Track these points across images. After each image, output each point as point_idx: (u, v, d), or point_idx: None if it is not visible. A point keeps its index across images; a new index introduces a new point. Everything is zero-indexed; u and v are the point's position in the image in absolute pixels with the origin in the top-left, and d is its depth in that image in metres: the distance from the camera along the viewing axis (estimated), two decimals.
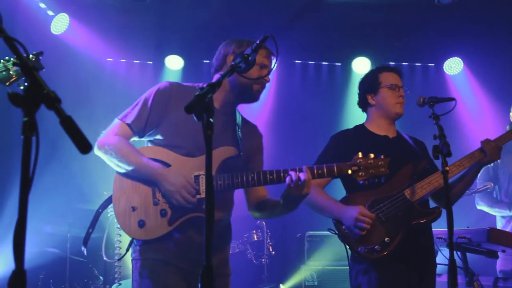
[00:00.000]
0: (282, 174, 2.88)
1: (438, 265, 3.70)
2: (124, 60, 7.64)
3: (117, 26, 6.93)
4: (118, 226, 2.94)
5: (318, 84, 8.16)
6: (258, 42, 2.51)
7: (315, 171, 2.89)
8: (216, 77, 3.04)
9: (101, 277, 6.13)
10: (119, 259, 3.15)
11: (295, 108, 8.00)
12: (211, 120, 1.93)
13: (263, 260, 6.67)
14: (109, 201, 3.00)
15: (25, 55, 1.43)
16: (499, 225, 5.13)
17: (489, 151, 3.47)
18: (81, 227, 6.05)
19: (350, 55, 7.95)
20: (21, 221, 1.30)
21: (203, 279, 1.82)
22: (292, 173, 2.81)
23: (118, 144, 2.89)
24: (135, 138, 3.06)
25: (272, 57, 3.04)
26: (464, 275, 3.94)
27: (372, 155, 2.96)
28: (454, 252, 3.03)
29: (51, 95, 1.32)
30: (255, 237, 6.72)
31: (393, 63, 8.12)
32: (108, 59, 7.49)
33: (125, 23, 6.92)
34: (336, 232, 3.45)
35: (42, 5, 6.58)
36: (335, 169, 2.94)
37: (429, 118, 3.21)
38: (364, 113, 3.88)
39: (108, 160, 2.92)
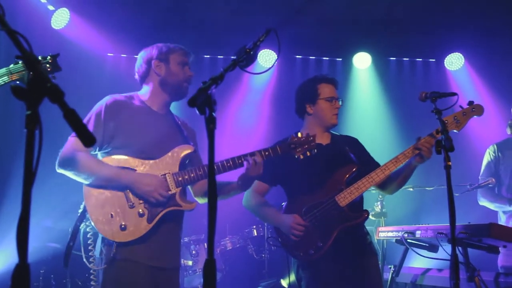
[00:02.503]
0: (237, 160, 3.26)
1: (439, 260, 3.99)
2: (124, 55, 7.62)
3: (118, 21, 6.91)
4: (90, 235, 3.16)
5: None
6: (259, 36, 2.51)
7: (263, 153, 3.30)
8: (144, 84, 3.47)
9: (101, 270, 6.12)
10: (106, 264, 3.19)
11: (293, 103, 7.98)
12: (213, 114, 1.92)
13: (264, 255, 6.67)
14: (84, 213, 3.16)
15: (28, 48, 1.43)
16: (501, 220, 5.13)
17: (425, 151, 3.65)
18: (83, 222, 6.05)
19: (351, 50, 7.95)
20: (24, 214, 1.30)
21: (205, 272, 1.82)
22: (249, 158, 3.23)
23: (82, 159, 3.10)
24: (93, 152, 3.26)
25: (190, 56, 3.48)
26: (465, 270, 3.94)
27: (300, 134, 3.42)
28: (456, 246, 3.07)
29: (54, 88, 1.32)
30: (256, 233, 6.72)
31: (394, 58, 8.13)
32: (108, 54, 7.48)
33: (126, 17, 6.90)
34: (275, 242, 3.85)
35: (43, 0, 6.57)
36: (279, 149, 3.35)
37: (431, 112, 3.22)
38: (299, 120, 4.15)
39: (75, 176, 3.13)
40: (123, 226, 3.06)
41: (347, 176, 3.78)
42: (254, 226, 6.74)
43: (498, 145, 5.28)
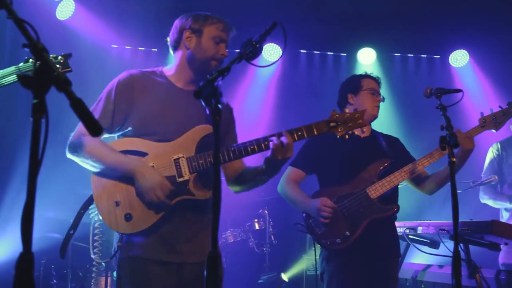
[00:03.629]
0: (262, 143, 2.83)
1: (441, 257, 4.06)
2: (129, 47, 7.62)
3: (123, 12, 6.90)
4: (98, 224, 2.93)
5: (323, 74, 8.13)
6: (266, 29, 2.50)
7: (295, 134, 2.88)
8: (178, 55, 3.06)
9: (103, 263, 6.14)
10: (111, 258, 3.06)
11: (300, 98, 7.98)
12: (219, 106, 1.92)
13: (265, 249, 6.68)
14: (90, 201, 2.93)
15: (35, 37, 1.42)
16: (504, 217, 5.14)
17: (461, 141, 3.58)
18: (85, 213, 6.06)
19: (355, 45, 7.93)
20: (29, 203, 1.30)
21: (209, 266, 1.82)
22: (274, 139, 2.80)
23: (89, 145, 2.83)
24: (106, 135, 2.99)
25: (230, 32, 3.03)
26: (466, 267, 3.94)
27: (347, 110, 3.03)
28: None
29: (61, 77, 1.32)
30: (257, 226, 6.73)
31: (399, 54, 8.11)
32: (113, 45, 7.47)
33: (130, 9, 6.89)
34: (303, 226, 3.83)
35: None
36: (314, 129, 2.91)
37: (436, 109, 3.22)
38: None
39: (82, 163, 2.86)
40: (128, 215, 2.76)
41: (381, 169, 3.83)
42: (256, 220, 6.74)
43: (501, 143, 5.28)
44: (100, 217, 2.83)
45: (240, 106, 7.75)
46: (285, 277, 6.62)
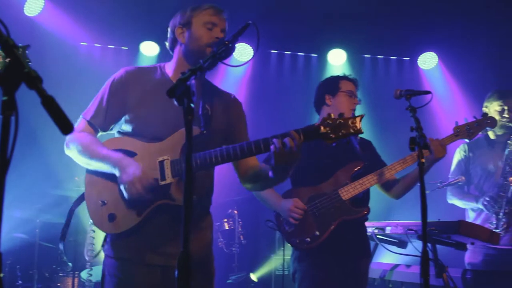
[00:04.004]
0: (262, 144, 2.66)
1: (408, 256, 4.13)
2: (98, 45, 7.52)
3: (92, 10, 6.82)
4: (91, 222, 2.88)
5: (294, 74, 8.15)
6: (239, 29, 2.50)
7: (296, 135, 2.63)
8: (175, 54, 3.00)
9: (70, 264, 6.06)
10: (96, 256, 3.05)
11: (270, 98, 7.99)
12: (191, 105, 1.91)
13: (234, 249, 6.69)
14: (81, 198, 2.93)
15: (5, 32, 1.40)
16: (470, 217, 5.22)
17: (434, 149, 3.74)
18: (51, 213, 5.98)
19: (326, 46, 7.95)
20: None
21: (179, 266, 1.80)
22: (276, 141, 2.60)
23: (82, 142, 2.81)
24: (102, 133, 2.96)
25: (221, 14, 2.93)
26: (433, 266, 4.00)
27: (343, 114, 2.72)
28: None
29: (32, 74, 1.29)
30: (227, 226, 6.73)
31: (369, 56, 8.18)
32: (82, 43, 7.37)
33: (100, 7, 6.81)
34: (274, 224, 3.86)
35: None
36: (302, 135, 2.63)
37: (406, 110, 3.25)
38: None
39: (77, 159, 2.85)
40: (112, 216, 2.72)
41: (354, 171, 3.88)
42: (225, 220, 6.74)
43: (468, 145, 5.36)
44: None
45: None
46: (254, 277, 6.63)
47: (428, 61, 7.99)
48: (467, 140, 4.04)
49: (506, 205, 4.89)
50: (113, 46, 7.59)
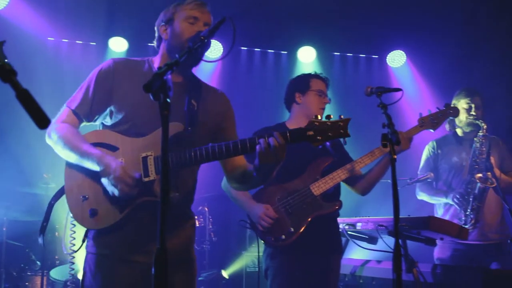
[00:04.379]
0: (248, 144, 2.64)
1: (379, 252, 4.15)
2: (66, 40, 7.40)
3: (60, 4, 6.70)
4: (72, 216, 2.81)
5: (264, 71, 8.15)
6: (215, 24, 2.49)
7: (288, 134, 2.64)
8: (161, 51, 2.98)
9: (38, 262, 5.96)
10: (75, 251, 2.97)
11: (240, 95, 7.96)
12: (168, 100, 1.89)
13: (205, 246, 6.67)
14: (61, 192, 2.86)
15: None
16: (439, 213, 5.30)
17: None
18: (18, 211, 5.86)
19: (296, 44, 7.97)
20: None
21: (156, 263, 1.78)
22: (262, 141, 2.59)
23: (64, 133, 2.75)
24: (86, 123, 2.90)
25: (203, 8, 2.89)
26: (404, 262, 4.04)
27: (330, 116, 2.70)
28: (394, 239, 3.15)
29: (6, 67, 1.26)
30: (197, 223, 6.69)
31: (338, 53, 8.23)
32: (49, 38, 7.24)
33: (68, 1, 6.71)
34: (248, 223, 3.88)
35: None
36: (288, 136, 2.64)
37: (377, 107, 3.27)
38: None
39: (57, 151, 2.78)
40: (93, 211, 2.67)
41: (324, 166, 3.92)
42: (196, 217, 6.69)
43: (437, 141, 5.45)
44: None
45: None
46: (225, 274, 6.62)
47: (396, 59, 8.08)
48: (432, 131, 4.11)
49: (474, 201, 4.98)
50: (81, 42, 7.48)
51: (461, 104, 5.29)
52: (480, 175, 4.97)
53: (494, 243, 5.03)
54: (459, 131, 5.39)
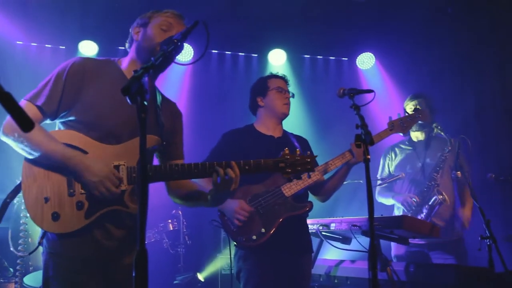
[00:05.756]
0: (207, 169, 2.74)
1: (353, 252, 4.23)
2: (35, 44, 7.31)
3: (28, 8, 6.62)
4: (26, 215, 2.74)
5: (235, 74, 8.15)
6: (188, 27, 2.51)
7: (242, 166, 2.81)
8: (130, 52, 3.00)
9: (11, 269, 5.86)
10: (31, 253, 2.90)
11: (211, 98, 7.97)
12: (145, 103, 1.89)
13: (179, 249, 6.66)
14: (17, 189, 2.76)
15: None
16: (395, 214, 5.47)
17: (356, 153, 3.94)
18: None
19: (266, 47, 8.01)
20: None
21: (136, 265, 1.79)
22: (219, 170, 2.71)
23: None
24: (47, 121, 2.78)
25: (178, 19, 2.96)
26: (378, 260, 4.09)
27: (298, 152, 3.00)
28: (367, 238, 3.20)
29: None
30: (171, 227, 6.69)
31: (308, 56, 8.29)
32: (18, 42, 7.14)
33: (36, 5, 6.63)
34: (219, 223, 3.90)
35: None
36: (262, 165, 2.88)
37: (349, 108, 3.30)
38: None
39: (18, 148, 2.64)
40: (55, 214, 2.58)
41: None
42: (170, 220, 6.70)
43: (391, 148, 5.67)
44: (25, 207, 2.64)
45: None
46: (200, 277, 6.61)
47: (366, 61, 8.18)
48: (401, 134, 4.21)
49: (425, 210, 5.14)
50: (50, 46, 7.39)
51: (408, 108, 5.48)
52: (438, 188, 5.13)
53: (448, 241, 5.19)
54: (413, 136, 5.62)
